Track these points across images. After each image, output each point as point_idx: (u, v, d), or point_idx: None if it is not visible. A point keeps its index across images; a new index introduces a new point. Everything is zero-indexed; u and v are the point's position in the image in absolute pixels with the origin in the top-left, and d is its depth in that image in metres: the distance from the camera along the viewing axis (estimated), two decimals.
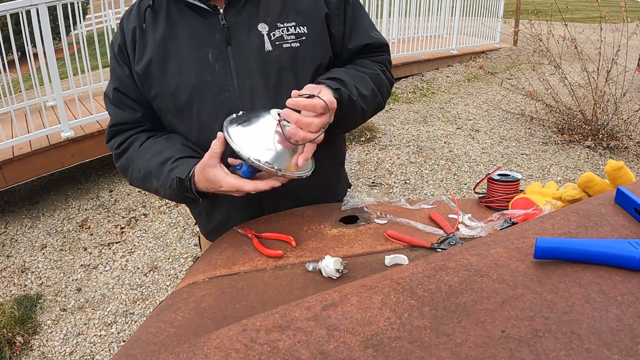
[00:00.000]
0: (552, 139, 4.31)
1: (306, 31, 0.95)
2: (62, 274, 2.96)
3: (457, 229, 0.85)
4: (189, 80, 0.93)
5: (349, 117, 0.93)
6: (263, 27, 0.93)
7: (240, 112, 0.90)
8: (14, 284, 2.92)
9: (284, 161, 0.82)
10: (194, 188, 0.91)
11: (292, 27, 0.94)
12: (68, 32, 3.87)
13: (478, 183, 1.03)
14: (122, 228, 3.38)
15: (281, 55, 0.93)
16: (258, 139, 0.82)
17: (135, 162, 0.99)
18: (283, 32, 0.93)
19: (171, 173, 0.92)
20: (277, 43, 0.93)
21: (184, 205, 3.54)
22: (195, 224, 1.22)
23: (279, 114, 0.84)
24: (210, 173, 0.86)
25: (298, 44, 0.94)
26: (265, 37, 0.93)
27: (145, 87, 0.97)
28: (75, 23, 3.71)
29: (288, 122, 0.83)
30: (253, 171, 0.84)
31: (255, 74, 0.93)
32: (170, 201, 3.61)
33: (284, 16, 0.94)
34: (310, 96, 0.81)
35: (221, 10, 0.92)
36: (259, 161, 0.79)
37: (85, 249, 3.18)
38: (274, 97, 0.95)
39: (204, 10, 0.92)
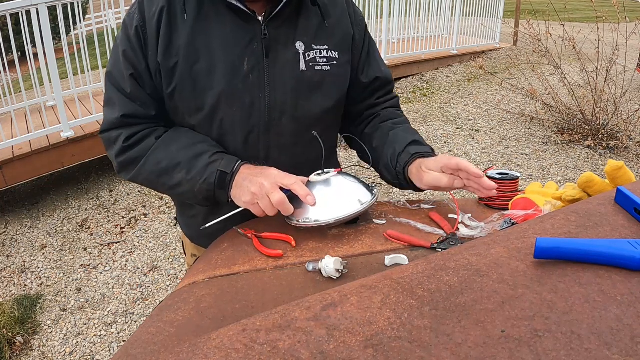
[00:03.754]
0: (552, 139, 4.31)
1: (337, 56, 0.96)
2: (62, 274, 2.96)
3: (457, 229, 0.85)
4: (218, 83, 0.88)
5: None
6: (300, 46, 0.93)
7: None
8: (14, 284, 2.92)
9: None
10: (231, 186, 0.87)
11: (325, 51, 0.95)
12: (68, 32, 3.87)
13: None
14: (122, 228, 3.38)
15: (313, 77, 0.93)
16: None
17: (154, 154, 0.91)
18: (316, 54, 0.94)
19: (210, 166, 0.87)
20: (310, 64, 0.93)
21: None
22: (176, 224, 1.18)
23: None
24: (268, 170, 0.85)
25: (328, 68, 0.95)
26: (301, 56, 0.93)
27: (166, 81, 0.89)
28: (75, 23, 3.71)
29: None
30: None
31: (288, 91, 0.92)
32: (170, 202, 3.62)
33: (318, 39, 0.95)
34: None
35: (260, 19, 0.89)
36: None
37: (85, 249, 3.18)
38: (300, 116, 0.94)
39: (245, 14, 0.88)
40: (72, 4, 3.68)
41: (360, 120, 1.10)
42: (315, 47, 0.94)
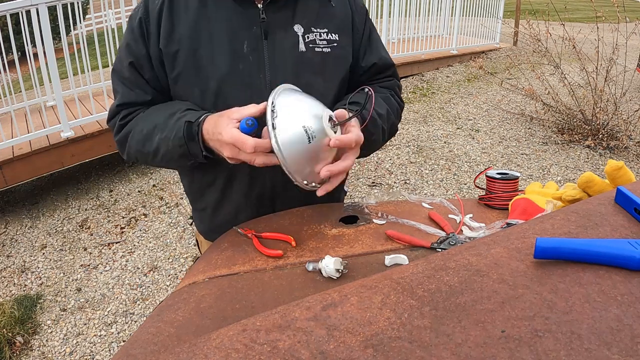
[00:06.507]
0: (552, 139, 4.31)
1: (337, 38, 0.98)
2: (62, 274, 2.96)
3: (461, 230, 0.85)
4: (220, 67, 0.92)
5: (373, 135, 0.94)
6: (299, 29, 0.96)
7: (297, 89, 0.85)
8: (14, 284, 2.92)
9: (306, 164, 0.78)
10: (200, 136, 0.86)
11: (325, 34, 0.97)
12: (68, 32, 3.87)
13: (477, 176, 1.03)
14: (122, 228, 3.38)
15: (313, 58, 0.96)
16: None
17: (138, 124, 0.95)
18: (316, 37, 0.96)
19: (179, 120, 0.88)
20: (310, 46, 0.96)
21: (184, 205, 3.54)
22: (191, 223, 1.20)
23: (330, 118, 0.80)
24: (220, 121, 0.82)
25: (329, 49, 0.97)
26: (300, 38, 0.95)
27: (169, 67, 0.94)
28: (75, 23, 3.71)
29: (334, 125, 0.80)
30: (251, 130, 0.78)
31: (287, 71, 0.94)
32: (170, 202, 3.62)
33: (317, 22, 0.97)
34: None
35: (260, 5, 0.93)
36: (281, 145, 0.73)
37: (85, 249, 3.18)
38: None
39: (244, 1, 0.93)
40: (72, 4, 3.68)
41: None
42: (315, 30, 0.97)
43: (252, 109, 0.82)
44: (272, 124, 0.73)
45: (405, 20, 6.31)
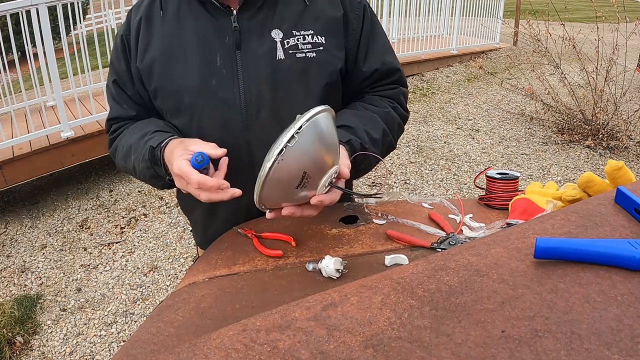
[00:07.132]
0: (552, 139, 4.31)
1: (324, 41, 0.90)
2: (62, 274, 2.96)
3: (461, 231, 0.85)
4: (193, 82, 0.88)
5: (362, 164, 0.90)
6: (277, 34, 0.88)
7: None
8: (14, 284, 2.92)
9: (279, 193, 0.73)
10: (162, 160, 0.84)
11: (309, 36, 0.89)
12: (68, 32, 3.87)
13: (477, 176, 1.03)
14: (122, 228, 3.38)
15: (293, 65, 0.88)
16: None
17: (121, 141, 0.96)
18: (298, 41, 0.89)
19: (146, 144, 0.87)
20: (290, 52, 0.88)
21: None
22: (191, 230, 1.20)
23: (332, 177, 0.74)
24: (177, 148, 0.79)
25: (314, 54, 0.89)
26: (278, 45, 0.88)
27: (146, 82, 0.93)
28: (75, 23, 3.71)
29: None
30: (200, 167, 0.76)
31: (263, 82, 0.88)
32: (170, 202, 3.62)
33: (301, 24, 0.89)
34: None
35: (234, 12, 0.88)
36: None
37: (85, 249, 3.18)
38: (281, 108, 0.89)
39: (217, 9, 0.88)
40: (72, 4, 3.68)
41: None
42: (298, 33, 0.88)
43: (210, 149, 0.78)
44: (282, 149, 0.67)
45: (405, 20, 6.31)
